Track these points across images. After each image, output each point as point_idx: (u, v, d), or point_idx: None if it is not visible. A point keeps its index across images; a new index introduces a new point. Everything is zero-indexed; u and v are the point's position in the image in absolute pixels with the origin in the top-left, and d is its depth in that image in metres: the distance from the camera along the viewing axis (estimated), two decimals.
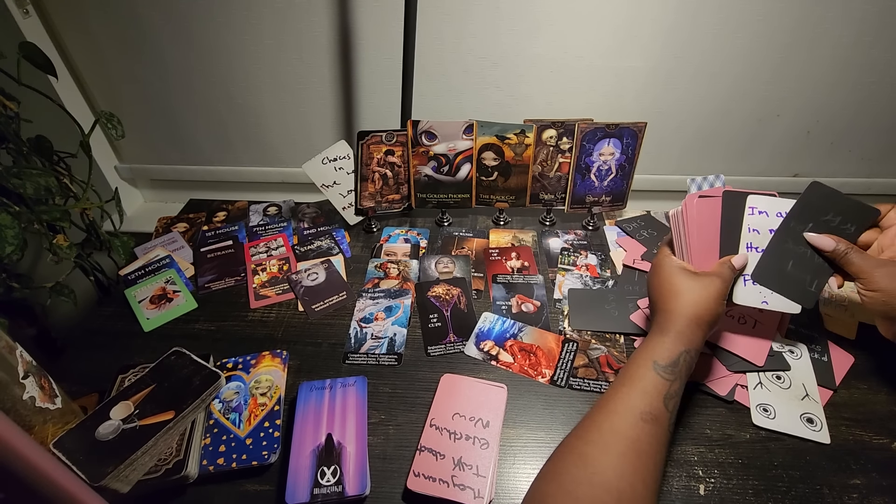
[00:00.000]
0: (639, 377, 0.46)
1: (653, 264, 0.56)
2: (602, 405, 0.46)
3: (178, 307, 0.72)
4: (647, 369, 0.46)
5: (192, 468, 0.50)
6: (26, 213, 0.70)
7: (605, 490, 0.39)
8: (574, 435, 0.45)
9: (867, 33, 0.83)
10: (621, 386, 0.46)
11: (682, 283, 0.51)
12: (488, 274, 0.76)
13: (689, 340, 0.48)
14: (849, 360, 0.62)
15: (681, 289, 0.51)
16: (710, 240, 0.55)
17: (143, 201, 1.17)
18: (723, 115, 0.94)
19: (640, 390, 0.45)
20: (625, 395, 0.45)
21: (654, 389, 0.45)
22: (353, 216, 0.86)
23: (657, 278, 0.53)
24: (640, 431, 0.43)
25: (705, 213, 0.55)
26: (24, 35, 0.85)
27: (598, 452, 0.42)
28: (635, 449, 0.42)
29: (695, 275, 0.52)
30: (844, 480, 0.51)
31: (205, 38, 0.90)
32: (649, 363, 0.47)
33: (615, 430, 0.43)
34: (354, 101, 0.96)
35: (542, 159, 0.81)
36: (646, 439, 0.42)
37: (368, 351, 0.65)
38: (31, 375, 0.48)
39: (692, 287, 0.50)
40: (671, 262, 0.53)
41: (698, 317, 0.49)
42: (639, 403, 0.44)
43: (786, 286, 0.54)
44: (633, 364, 0.48)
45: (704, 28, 0.83)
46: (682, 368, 0.47)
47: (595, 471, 0.41)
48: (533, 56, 0.88)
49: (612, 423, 0.43)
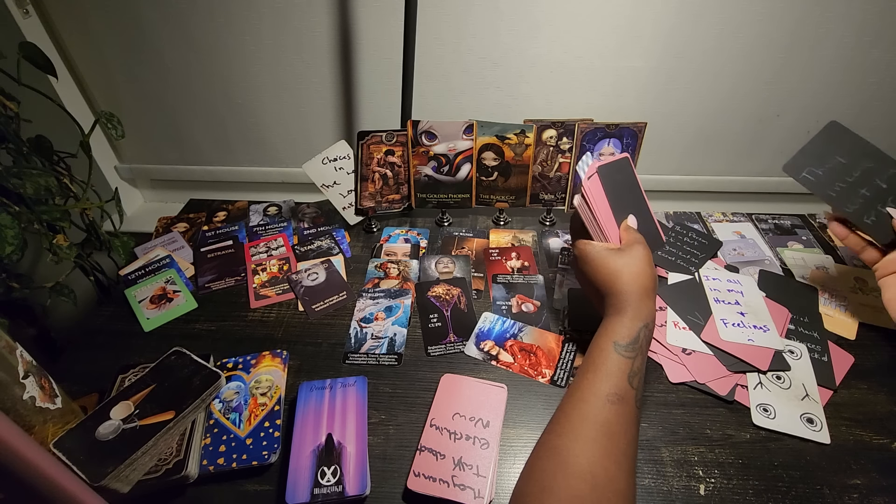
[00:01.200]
0: (601, 361, 0.47)
1: (578, 256, 0.57)
2: (569, 395, 0.47)
3: (178, 307, 0.72)
4: (608, 352, 0.48)
5: (192, 468, 0.50)
6: (26, 213, 0.70)
7: (579, 478, 0.40)
8: (546, 430, 0.46)
9: (868, 34, 0.83)
10: (586, 373, 0.47)
11: (615, 262, 0.53)
12: (488, 274, 0.76)
13: (645, 314, 0.50)
14: (849, 360, 0.62)
15: (617, 268, 0.52)
16: (607, 213, 0.58)
17: (143, 201, 1.17)
18: (723, 115, 0.94)
19: (603, 373, 0.46)
20: (590, 382, 0.46)
21: (618, 370, 0.46)
22: (353, 216, 0.86)
23: (590, 266, 0.54)
24: (608, 413, 0.43)
25: (595, 191, 0.57)
26: (24, 35, 0.85)
27: (568, 442, 0.42)
28: (605, 431, 0.42)
29: (620, 251, 0.54)
30: (844, 480, 0.51)
31: (205, 38, 0.90)
32: (609, 345, 0.48)
33: (584, 417, 0.44)
34: (354, 101, 0.96)
35: (543, 159, 0.81)
36: (615, 419, 0.43)
37: (368, 351, 0.65)
38: (31, 375, 0.48)
39: (627, 262, 0.52)
40: (595, 247, 0.55)
41: (645, 287, 0.51)
42: (604, 386, 0.45)
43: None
44: (595, 350, 0.49)
45: (705, 28, 0.83)
46: (642, 344, 0.48)
47: (567, 460, 0.41)
48: (533, 56, 0.88)
49: (581, 410, 0.44)
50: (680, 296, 0.69)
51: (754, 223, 0.86)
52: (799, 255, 0.79)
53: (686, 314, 0.66)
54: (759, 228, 0.85)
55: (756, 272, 0.74)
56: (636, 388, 0.46)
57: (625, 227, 0.57)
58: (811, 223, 0.87)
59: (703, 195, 1.07)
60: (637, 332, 0.48)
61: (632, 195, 0.61)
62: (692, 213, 0.88)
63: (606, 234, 0.57)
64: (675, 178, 1.03)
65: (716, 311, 0.66)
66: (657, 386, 0.60)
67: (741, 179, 1.03)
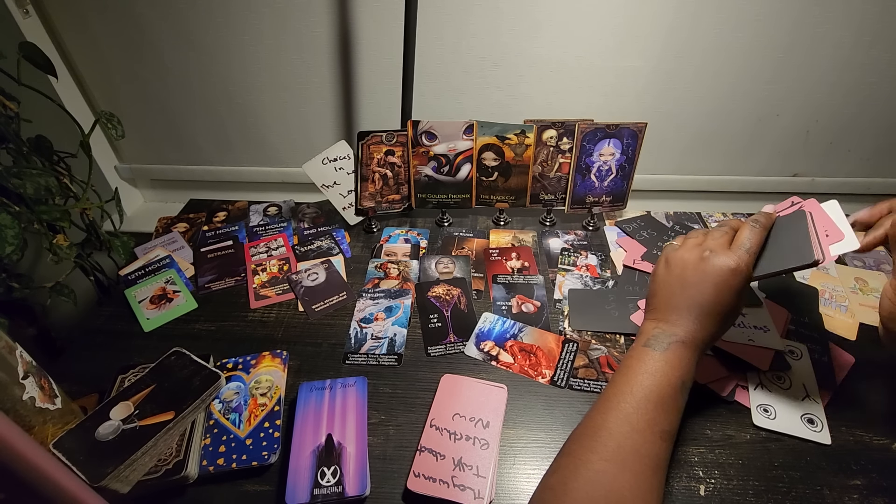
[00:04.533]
0: (670, 398, 0.44)
1: (735, 273, 0.47)
2: (622, 420, 0.43)
3: (178, 307, 0.72)
4: (678, 391, 0.44)
5: (192, 468, 0.50)
6: (26, 213, 0.70)
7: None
8: (588, 448, 0.43)
9: (867, 33, 0.82)
10: (647, 402, 0.43)
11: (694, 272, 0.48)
12: (488, 274, 0.76)
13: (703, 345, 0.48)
14: (849, 360, 0.62)
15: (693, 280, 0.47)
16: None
17: (143, 201, 1.17)
18: (723, 114, 0.94)
19: (665, 411, 0.43)
20: (650, 414, 0.43)
21: (678, 411, 0.44)
22: (353, 216, 0.86)
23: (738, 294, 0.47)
24: (658, 449, 0.42)
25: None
26: (24, 35, 0.85)
27: (615, 470, 0.41)
28: (652, 466, 0.41)
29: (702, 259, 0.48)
30: (845, 481, 0.51)
31: (204, 38, 0.90)
32: (679, 384, 0.44)
33: (637, 451, 0.41)
34: (354, 101, 0.96)
35: (543, 159, 0.81)
36: (662, 456, 0.42)
37: (368, 351, 0.65)
38: (30, 376, 0.48)
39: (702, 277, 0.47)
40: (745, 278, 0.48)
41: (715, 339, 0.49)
42: (663, 424, 0.43)
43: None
44: (665, 384, 0.44)
45: (705, 28, 0.83)
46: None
47: (612, 489, 0.40)
48: (533, 56, 0.88)
49: (635, 442, 0.42)
50: None
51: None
52: None
53: None
54: None
55: None
56: (678, 426, 0.45)
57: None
58: None
59: (703, 195, 1.07)
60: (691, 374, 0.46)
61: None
62: (692, 213, 0.88)
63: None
64: (675, 177, 1.03)
65: None
66: None
67: (741, 179, 1.03)
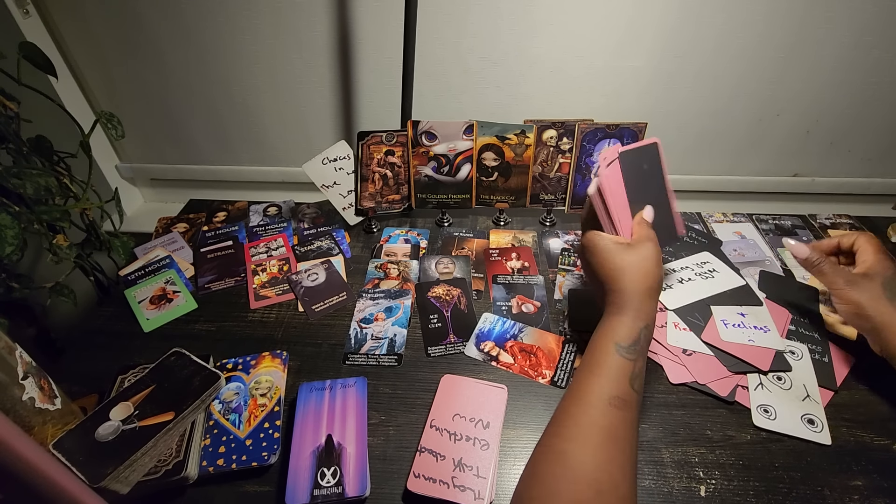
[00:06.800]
0: (604, 363, 0.46)
1: (585, 246, 0.55)
2: (571, 396, 0.46)
3: (178, 307, 0.72)
4: (610, 353, 0.47)
5: (191, 469, 0.50)
6: (26, 213, 0.70)
7: (584, 483, 0.40)
8: (548, 432, 0.45)
9: (869, 34, 0.82)
10: (589, 374, 0.46)
11: (622, 258, 0.51)
12: (488, 274, 0.76)
13: (646, 315, 0.49)
14: (850, 360, 0.62)
15: (623, 265, 0.51)
16: (623, 204, 0.56)
17: (143, 201, 1.17)
18: (724, 114, 0.94)
19: (606, 377, 0.45)
20: (594, 384, 0.45)
21: (621, 372, 0.45)
22: (353, 216, 0.86)
23: (596, 259, 0.53)
24: (612, 418, 0.43)
25: (613, 181, 0.56)
26: (24, 35, 0.85)
27: (573, 446, 0.42)
28: (609, 436, 0.42)
29: (629, 247, 0.52)
30: (845, 482, 0.51)
31: (205, 38, 0.90)
32: (611, 346, 0.47)
33: (589, 421, 0.43)
34: (354, 102, 0.96)
35: (543, 160, 0.81)
36: (618, 424, 0.43)
37: (368, 351, 0.65)
38: (30, 376, 0.48)
39: (633, 260, 0.51)
40: (603, 240, 0.53)
41: (650, 288, 0.49)
42: (607, 389, 0.44)
43: None
44: (596, 349, 0.48)
45: (706, 28, 0.83)
46: (643, 345, 0.47)
47: (572, 465, 0.41)
48: (533, 56, 0.88)
49: (585, 413, 0.44)
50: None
51: (755, 223, 0.86)
52: None
53: (686, 315, 0.66)
54: (759, 229, 0.85)
55: (756, 273, 0.74)
56: (637, 391, 0.46)
57: (638, 221, 0.55)
58: (811, 223, 0.87)
59: (703, 195, 1.06)
60: (638, 333, 0.48)
61: (654, 184, 0.58)
62: (692, 214, 0.88)
63: (619, 227, 0.55)
64: (675, 177, 1.01)
65: (716, 312, 0.66)
66: (657, 387, 0.60)
67: (741, 179, 1.03)
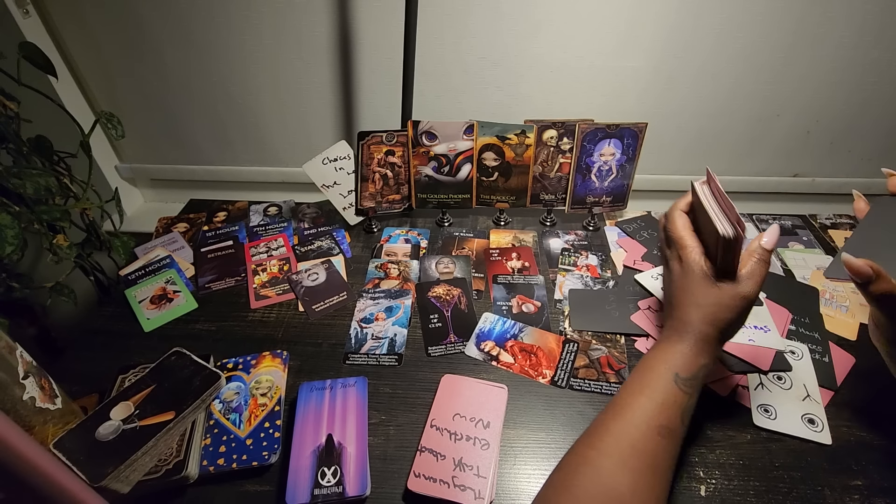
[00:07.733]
0: (657, 387, 0.44)
1: (684, 261, 0.48)
2: (617, 414, 0.44)
3: (178, 307, 0.72)
4: (667, 381, 0.44)
5: (192, 469, 0.50)
6: (26, 213, 0.70)
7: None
8: (587, 444, 0.43)
9: (868, 33, 0.82)
10: (638, 394, 0.44)
11: (707, 296, 0.45)
12: (489, 274, 0.76)
13: (709, 354, 0.46)
14: (850, 360, 0.62)
15: (707, 303, 0.45)
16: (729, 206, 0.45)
17: (143, 201, 1.17)
18: (724, 115, 0.94)
19: (659, 403, 0.43)
20: (641, 404, 0.43)
21: (675, 403, 0.43)
22: (353, 216, 0.86)
23: (685, 280, 0.47)
24: (656, 446, 0.41)
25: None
26: (24, 35, 0.85)
27: (613, 466, 0.40)
28: (652, 465, 0.41)
29: (719, 288, 0.45)
30: (846, 481, 0.51)
31: (205, 38, 0.89)
32: (670, 374, 0.44)
33: (633, 445, 0.41)
34: (354, 102, 0.96)
35: (543, 160, 0.81)
36: (662, 455, 0.41)
37: (369, 351, 0.65)
38: (31, 376, 0.48)
39: (715, 301, 0.45)
40: (699, 266, 0.47)
41: (722, 333, 0.46)
42: (657, 417, 0.42)
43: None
44: (652, 372, 0.45)
45: (706, 28, 0.83)
46: (700, 382, 0.45)
47: (610, 485, 0.39)
48: (533, 56, 0.88)
49: (629, 435, 0.42)
50: None
51: (755, 223, 0.86)
52: (800, 255, 0.79)
53: None
54: (759, 229, 0.85)
55: None
56: (685, 425, 0.44)
57: (752, 251, 0.46)
58: (812, 223, 0.87)
59: None
60: (698, 368, 0.45)
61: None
62: None
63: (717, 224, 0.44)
64: (675, 178, 1.03)
65: None
66: None
67: (741, 179, 1.03)
